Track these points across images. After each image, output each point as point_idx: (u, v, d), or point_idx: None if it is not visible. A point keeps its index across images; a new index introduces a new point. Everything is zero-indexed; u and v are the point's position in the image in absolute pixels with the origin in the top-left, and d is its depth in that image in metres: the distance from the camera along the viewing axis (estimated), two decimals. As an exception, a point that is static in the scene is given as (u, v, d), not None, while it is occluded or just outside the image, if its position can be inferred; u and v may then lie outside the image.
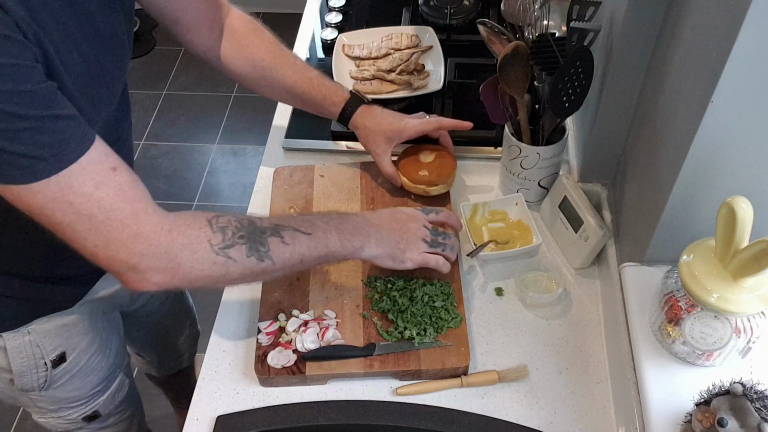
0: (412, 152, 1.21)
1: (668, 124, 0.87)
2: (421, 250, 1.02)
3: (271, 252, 0.86)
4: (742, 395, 0.72)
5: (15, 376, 1.05)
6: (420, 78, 1.36)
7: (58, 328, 1.05)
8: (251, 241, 0.85)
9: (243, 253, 0.84)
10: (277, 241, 0.86)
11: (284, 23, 3.23)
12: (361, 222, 0.98)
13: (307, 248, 0.90)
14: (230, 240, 0.83)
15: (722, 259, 0.78)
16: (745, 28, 0.66)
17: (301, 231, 0.89)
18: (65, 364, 1.09)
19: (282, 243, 0.87)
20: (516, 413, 0.98)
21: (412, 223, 1.03)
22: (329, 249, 0.92)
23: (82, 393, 1.16)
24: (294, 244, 0.88)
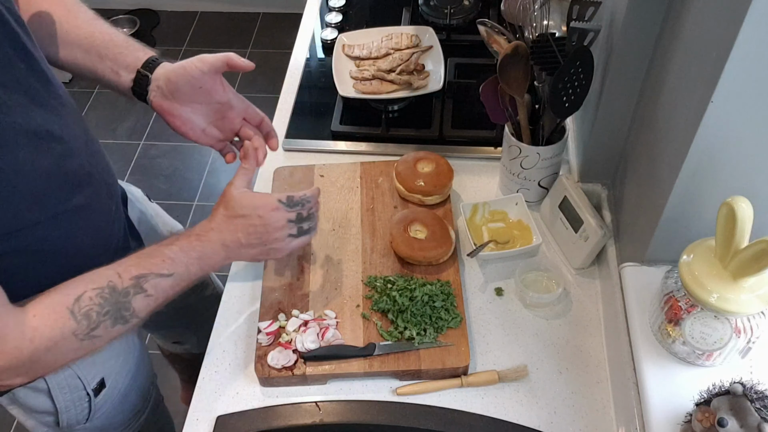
0: (410, 161, 1.21)
1: (668, 124, 0.87)
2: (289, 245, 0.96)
3: (136, 311, 0.85)
4: (742, 395, 0.72)
5: (60, 414, 1.03)
6: (420, 78, 1.36)
7: (94, 356, 1.01)
8: (116, 312, 0.82)
9: (108, 327, 0.82)
10: (140, 298, 0.85)
11: (284, 23, 3.26)
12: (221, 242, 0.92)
13: (171, 289, 0.88)
14: (95, 322, 0.81)
15: (722, 259, 0.78)
16: (745, 28, 0.65)
17: (164, 275, 0.87)
18: (106, 390, 1.07)
19: (146, 297, 0.85)
20: (516, 413, 0.98)
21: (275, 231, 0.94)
22: (191, 280, 0.91)
23: (125, 417, 1.15)
24: (157, 292, 0.86)
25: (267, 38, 3.21)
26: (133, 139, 2.75)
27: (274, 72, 3.03)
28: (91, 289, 0.81)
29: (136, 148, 2.73)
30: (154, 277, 0.86)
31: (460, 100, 1.39)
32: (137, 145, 2.73)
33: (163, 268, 0.87)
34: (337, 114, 1.38)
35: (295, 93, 1.45)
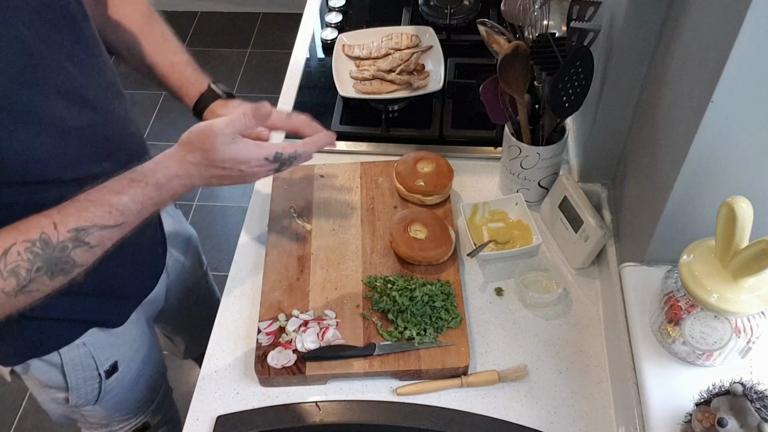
0: (410, 161, 1.21)
1: (668, 123, 0.87)
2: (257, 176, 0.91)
3: (78, 262, 0.78)
4: (742, 395, 0.72)
5: (71, 391, 1.06)
6: (420, 78, 1.36)
7: (110, 337, 1.06)
8: (51, 266, 0.75)
9: (46, 281, 0.76)
10: (81, 251, 0.77)
11: (284, 23, 3.26)
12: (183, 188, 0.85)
13: (119, 236, 0.81)
14: (26, 278, 0.74)
15: (722, 259, 0.78)
16: (745, 28, 0.65)
17: (109, 226, 0.79)
18: (117, 374, 1.09)
19: (88, 249, 0.78)
20: (516, 413, 0.98)
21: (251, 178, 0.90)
22: (144, 220, 0.84)
23: (133, 404, 1.17)
24: (103, 243, 0.79)
25: (267, 38, 3.21)
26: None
27: (274, 72, 3.04)
28: (21, 241, 0.74)
29: (136, 148, 2.73)
30: (97, 229, 0.78)
31: (460, 100, 1.39)
32: (137, 145, 2.73)
33: (109, 220, 0.79)
34: (337, 114, 1.38)
35: (295, 93, 1.44)
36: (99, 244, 0.79)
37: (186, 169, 0.84)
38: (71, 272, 0.78)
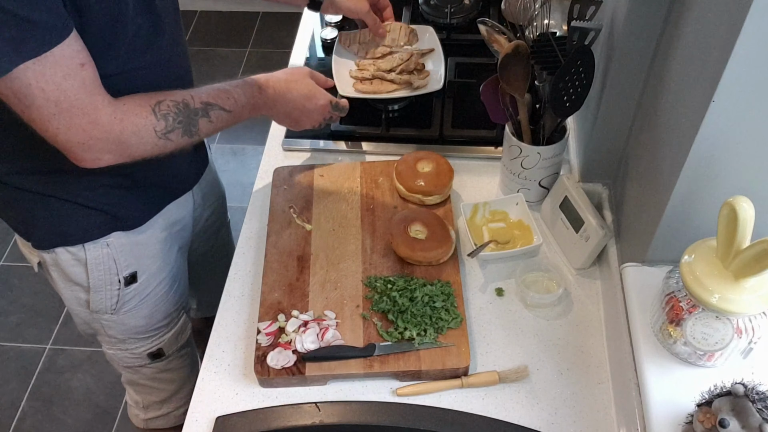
0: (410, 161, 1.21)
1: (670, 123, 0.86)
2: (312, 125, 1.18)
3: (199, 130, 0.99)
4: (744, 396, 0.71)
5: (91, 292, 1.13)
6: (420, 77, 1.36)
7: (133, 245, 1.12)
8: (186, 125, 0.96)
9: (179, 135, 0.96)
10: (205, 122, 0.99)
11: (284, 22, 3.26)
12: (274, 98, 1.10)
13: (226, 123, 1.02)
14: (171, 125, 0.95)
15: (724, 259, 0.78)
16: (747, 28, 0.65)
17: (225, 109, 1.01)
18: (136, 285, 1.15)
19: (209, 122, 0.99)
20: (517, 414, 0.97)
21: (312, 117, 1.17)
22: (242, 119, 1.06)
23: (149, 324, 1.22)
24: (217, 122, 1.01)
25: (266, 37, 3.21)
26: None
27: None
28: (170, 99, 0.95)
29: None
30: (218, 109, 1.00)
31: (461, 100, 1.39)
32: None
33: (227, 104, 1.01)
34: (337, 114, 1.37)
35: (294, 92, 1.44)
36: (215, 121, 1.00)
37: (280, 83, 1.11)
38: (193, 137, 0.98)
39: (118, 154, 0.92)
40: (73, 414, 2.02)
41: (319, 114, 1.16)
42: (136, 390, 1.37)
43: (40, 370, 2.12)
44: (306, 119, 1.16)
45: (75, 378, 2.08)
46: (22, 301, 2.26)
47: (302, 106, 1.13)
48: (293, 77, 1.13)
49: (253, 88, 1.07)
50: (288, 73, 1.14)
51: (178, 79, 1.06)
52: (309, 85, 1.15)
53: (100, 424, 1.99)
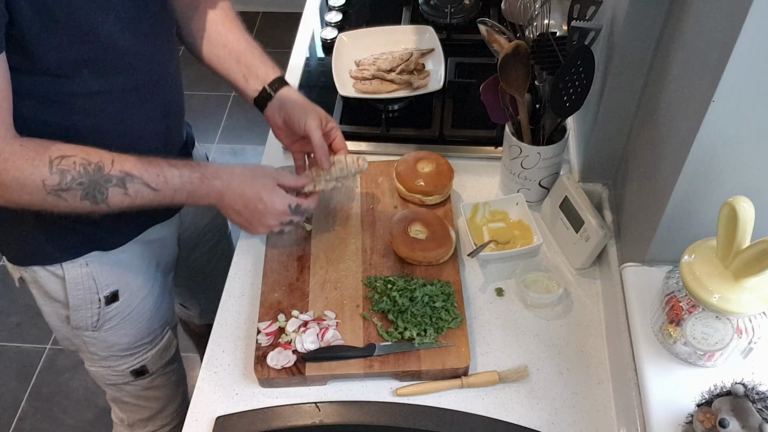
0: (410, 161, 1.21)
1: (670, 123, 0.86)
2: (269, 229, 1.05)
3: (108, 199, 0.90)
4: (744, 396, 0.71)
5: (71, 310, 1.09)
6: (420, 77, 1.36)
7: (113, 265, 1.09)
8: (90, 188, 0.88)
9: (77, 197, 0.88)
10: (118, 192, 0.90)
11: (284, 22, 3.25)
12: (219, 192, 0.99)
13: (149, 201, 0.93)
14: (67, 184, 0.86)
15: (724, 259, 0.78)
16: (747, 28, 0.65)
17: (150, 187, 0.92)
18: (117, 304, 1.12)
19: (124, 194, 0.90)
20: (517, 414, 0.97)
21: (267, 220, 1.03)
22: (173, 203, 0.96)
23: (132, 341, 1.18)
24: (135, 197, 0.91)
25: (267, 37, 3.20)
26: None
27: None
28: (81, 157, 0.87)
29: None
30: (140, 183, 0.91)
31: (461, 100, 1.39)
32: (137, 145, 2.73)
33: (153, 181, 0.92)
34: (337, 114, 1.37)
35: (294, 92, 1.44)
36: (132, 196, 0.91)
37: (229, 176, 0.99)
38: (97, 205, 0.90)
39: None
40: (73, 414, 2.02)
41: (273, 218, 1.03)
42: (121, 408, 1.33)
43: (40, 370, 2.12)
44: (257, 223, 1.03)
45: (75, 378, 2.08)
46: (22, 301, 2.26)
47: (253, 207, 1.01)
48: (253, 174, 1.02)
49: (195, 174, 0.96)
50: (249, 169, 1.03)
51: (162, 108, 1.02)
52: (267, 185, 1.02)
53: (100, 424, 1.99)
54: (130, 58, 0.93)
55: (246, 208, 1.01)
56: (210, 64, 1.13)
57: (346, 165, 1.13)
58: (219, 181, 0.98)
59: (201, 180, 0.97)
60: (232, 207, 1.00)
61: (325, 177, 1.13)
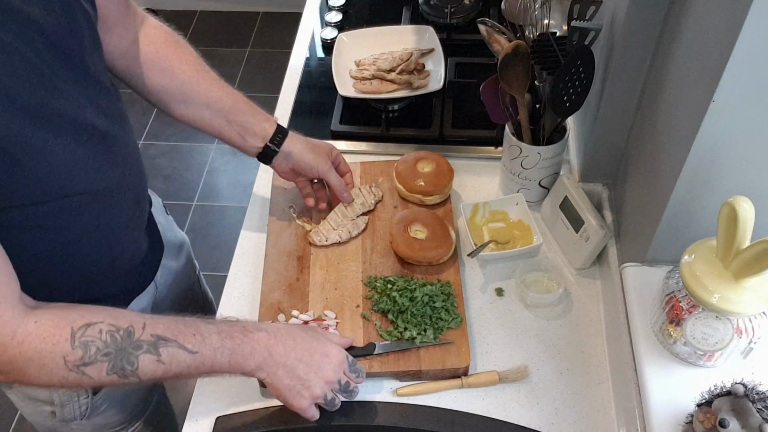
0: (410, 161, 1.21)
1: (669, 123, 0.86)
2: (317, 396, 0.89)
3: (139, 371, 0.78)
4: (744, 396, 0.71)
5: (57, 407, 1.03)
6: (420, 77, 1.36)
7: None
8: (117, 359, 0.77)
9: (103, 371, 0.77)
10: (150, 359, 0.79)
11: (284, 22, 3.26)
12: (266, 346, 0.86)
13: (186, 368, 0.82)
14: (91, 357, 0.76)
15: (724, 259, 0.78)
16: (747, 28, 0.65)
17: (186, 349, 0.81)
18: (105, 390, 1.06)
19: (156, 362, 0.79)
20: (517, 414, 0.97)
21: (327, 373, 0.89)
22: (213, 369, 0.84)
23: (123, 417, 1.14)
24: (170, 363, 0.80)
25: (267, 37, 3.21)
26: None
27: (273, 71, 3.04)
28: (108, 323, 0.77)
29: (135, 147, 2.73)
30: (175, 346, 0.80)
31: (461, 100, 1.39)
32: (137, 145, 2.73)
33: (189, 342, 0.81)
34: (337, 114, 1.37)
35: (294, 92, 1.44)
36: (167, 362, 0.80)
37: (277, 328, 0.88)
38: (126, 377, 0.78)
39: (9, 378, 0.76)
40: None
41: (334, 372, 0.89)
42: None
43: None
44: (315, 378, 0.87)
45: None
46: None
47: (309, 358, 0.87)
48: (300, 327, 0.92)
49: (234, 329, 0.85)
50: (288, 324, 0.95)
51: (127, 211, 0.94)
52: (318, 334, 0.91)
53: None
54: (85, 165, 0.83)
55: (301, 362, 0.86)
56: (194, 125, 1.07)
57: (365, 198, 1.17)
58: (263, 333, 0.86)
59: (243, 333, 0.85)
60: (283, 364, 0.86)
61: (350, 217, 1.15)
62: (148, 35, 1.02)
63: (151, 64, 1.01)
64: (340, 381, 0.90)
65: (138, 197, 0.98)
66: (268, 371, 0.86)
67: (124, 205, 0.94)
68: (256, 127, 1.07)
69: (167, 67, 1.02)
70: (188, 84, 1.03)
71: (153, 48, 1.02)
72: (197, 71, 1.04)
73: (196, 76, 1.04)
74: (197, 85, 1.03)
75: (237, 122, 1.06)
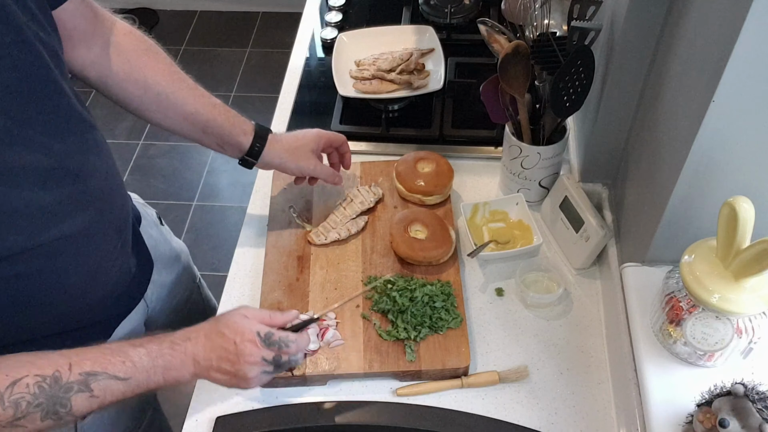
0: (410, 161, 1.21)
1: (670, 123, 0.86)
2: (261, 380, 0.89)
3: (73, 410, 0.78)
4: (744, 396, 0.71)
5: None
6: (420, 77, 1.36)
7: None
8: (50, 406, 0.77)
9: (37, 419, 0.76)
10: (83, 397, 0.78)
11: (284, 22, 3.26)
12: (192, 353, 0.85)
13: (122, 394, 0.81)
14: (23, 412, 0.75)
15: (724, 259, 0.78)
16: (747, 28, 0.65)
17: (118, 377, 0.80)
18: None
19: (90, 397, 0.79)
20: (517, 414, 0.97)
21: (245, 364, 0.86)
22: (150, 387, 0.83)
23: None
24: (104, 395, 0.80)
25: (266, 37, 3.21)
26: (131, 139, 2.75)
27: (273, 71, 3.04)
28: (33, 375, 0.76)
29: (134, 147, 2.73)
30: (106, 378, 0.80)
31: (461, 100, 1.39)
32: (136, 145, 2.73)
33: (120, 371, 0.80)
34: (337, 114, 1.37)
35: (294, 92, 1.44)
36: (101, 395, 0.79)
37: (197, 334, 0.87)
38: (62, 419, 0.78)
39: None
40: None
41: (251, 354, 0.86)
42: None
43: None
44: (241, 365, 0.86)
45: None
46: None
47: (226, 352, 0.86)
48: (218, 318, 0.90)
49: (163, 345, 0.84)
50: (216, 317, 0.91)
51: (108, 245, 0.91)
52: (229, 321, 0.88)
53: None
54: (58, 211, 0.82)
55: (222, 358, 0.86)
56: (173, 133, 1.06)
57: (365, 197, 1.17)
58: (189, 342, 0.86)
59: (171, 348, 0.84)
60: (210, 366, 0.86)
61: (350, 216, 1.15)
62: (118, 44, 0.99)
63: (125, 75, 0.99)
64: (266, 358, 0.87)
65: (120, 226, 0.96)
66: (204, 375, 0.87)
67: (104, 240, 0.91)
68: (232, 140, 1.06)
69: (140, 78, 0.99)
70: (163, 96, 1.01)
71: (124, 58, 0.99)
72: (172, 81, 1.02)
73: (170, 87, 1.01)
74: (172, 96, 1.02)
75: (214, 134, 1.06)
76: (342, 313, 1.06)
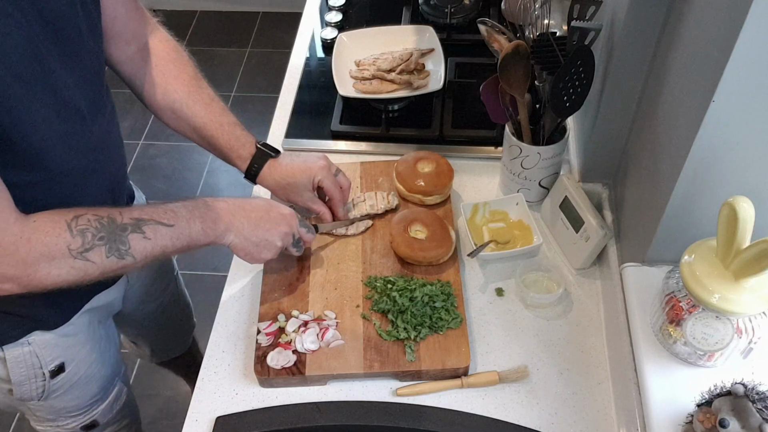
0: (410, 161, 1.21)
1: (669, 123, 0.86)
2: (275, 252, 1.02)
3: (131, 249, 0.86)
4: (744, 396, 0.71)
5: (13, 386, 1.05)
6: (420, 77, 1.36)
7: (57, 339, 1.04)
8: (111, 242, 0.84)
9: (103, 254, 0.84)
10: (138, 238, 0.86)
11: (284, 22, 3.26)
12: (228, 211, 0.96)
13: (170, 240, 0.90)
14: (90, 243, 0.82)
15: (724, 259, 0.78)
16: (747, 28, 0.65)
17: (164, 223, 0.89)
18: (64, 375, 1.08)
19: (143, 239, 0.87)
20: (517, 414, 0.97)
21: (282, 227, 1.01)
22: (192, 238, 0.92)
23: (81, 402, 1.16)
24: (156, 238, 0.88)
25: (266, 37, 3.21)
26: (132, 139, 2.75)
27: (273, 71, 3.04)
28: (92, 213, 0.84)
29: (135, 147, 2.72)
30: (154, 223, 0.88)
31: (461, 100, 1.39)
32: (136, 145, 2.73)
33: (164, 218, 0.89)
34: (337, 114, 1.37)
35: (294, 92, 1.44)
36: (153, 237, 0.88)
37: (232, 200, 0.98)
38: (124, 258, 0.85)
39: (25, 282, 0.80)
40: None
41: (288, 225, 1.01)
42: None
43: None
44: (275, 232, 1.00)
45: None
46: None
47: (267, 216, 1.00)
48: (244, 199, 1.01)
49: (198, 201, 0.95)
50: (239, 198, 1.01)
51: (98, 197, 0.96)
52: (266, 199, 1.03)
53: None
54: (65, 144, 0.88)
55: (261, 220, 0.98)
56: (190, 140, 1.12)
57: (376, 201, 1.17)
58: (223, 203, 0.97)
59: (205, 205, 0.95)
60: (247, 224, 0.97)
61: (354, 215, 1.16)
62: (152, 49, 1.06)
63: (150, 79, 1.06)
64: (294, 235, 1.03)
65: (113, 186, 1.02)
66: (236, 232, 0.97)
67: (96, 191, 0.96)
68: (230, 161, 1.11)
69: (162, 83, 1.06)
70: (178, 104, 1.06)
71: (154, 63, 1.06)
72: (188, 93, 1.07)
73: (186, 97, 1.07)
74: (186, 107, 1.07)
75: (216, 151, 1.11)
76: (342, 313, 1.06)
